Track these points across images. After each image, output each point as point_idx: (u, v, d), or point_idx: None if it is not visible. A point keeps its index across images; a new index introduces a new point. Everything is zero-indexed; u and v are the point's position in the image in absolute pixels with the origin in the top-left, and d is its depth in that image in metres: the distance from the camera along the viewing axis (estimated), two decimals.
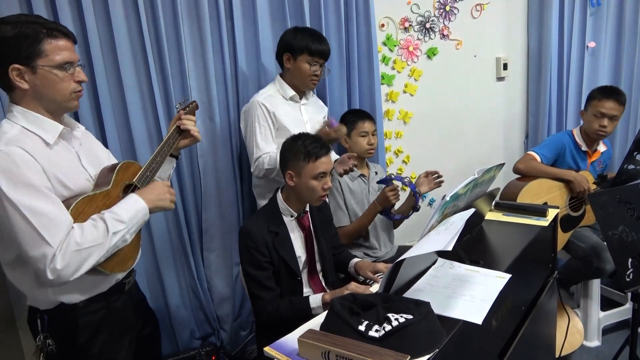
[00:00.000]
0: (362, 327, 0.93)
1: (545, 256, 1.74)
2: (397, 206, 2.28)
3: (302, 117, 2.17)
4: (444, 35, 2.90)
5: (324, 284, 1.89)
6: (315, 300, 1.66)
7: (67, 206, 1.18)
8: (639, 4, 3.12)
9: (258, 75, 2.30)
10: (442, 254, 1.34)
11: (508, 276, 1.21)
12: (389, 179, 2.14)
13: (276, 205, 1.79)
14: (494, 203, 1.81)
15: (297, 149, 1.71)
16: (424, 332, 0.92)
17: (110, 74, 1.98)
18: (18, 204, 1.10)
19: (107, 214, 1.21)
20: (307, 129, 2.13)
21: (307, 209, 1.86)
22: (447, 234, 1.04)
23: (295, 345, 0.96)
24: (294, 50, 2.04)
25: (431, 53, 2.88)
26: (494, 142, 3.28)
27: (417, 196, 2.11)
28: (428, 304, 0.98)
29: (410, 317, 0.92)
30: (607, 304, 2.68)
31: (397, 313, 0.94)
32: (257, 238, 1.69)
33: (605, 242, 1.76)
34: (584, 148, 2.52)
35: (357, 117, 2.28)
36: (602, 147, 2.60)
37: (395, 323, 0.91)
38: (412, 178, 2.96)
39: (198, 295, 2.33)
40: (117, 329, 1.36)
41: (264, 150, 2.02)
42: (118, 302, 1.37)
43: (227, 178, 2.30)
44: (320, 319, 1.04)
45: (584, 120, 2.53)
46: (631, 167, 2.36)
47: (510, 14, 3.14)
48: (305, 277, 1.84)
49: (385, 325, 0.92)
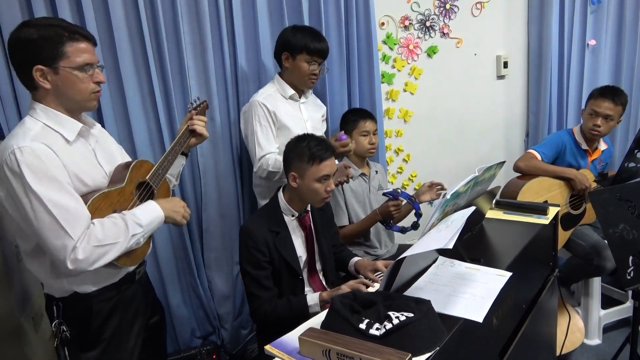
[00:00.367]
0: (363, 326, 0.93)
1: (546, 254, 1.74)
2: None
3: (302, 115, 2.16)
4: (444, 33, 2.90)
5: (324, 282, 1.89)
6: (312, 298, 1.66)
7: (84, 202, 1.25)
8: (639, 2, 3.12)
9: (258, 74, 2.30)
10: (443, 252, 1.34)
11: (509, 274, 1.21)
12: (396, 194, 2.08)
13: (277, 204, 1.79)
14: (494, 201, 1.81)
15: (301, 151, 1.70)
16: (424, 331, 0.92)
17: (110, 73, 1.98)
18: (42, 196, 1.16)
19: (128, 216, 1.28)
20: (308, 127, 2.13)
21: (309, 208, 1.86)
22: (448, 232, 1.04)
23: (296, 343, 0.97)
24: (293, 49, 2.03)
25: (431, 51, 2.87)
26: (495, 140, 3.28)
27: (418, 217, 2.09)
28: (429, 302, 0.98)
29: (411, 315, 0.92)
30: (608, 302, 2.68)
31: (397, 311, 0.94)
32: (257, 237, 1.69)
33: (606, 240, 1.75)
34: (584, 146, 2.52)
35: (358, 116, 2.28)
36: (602, 145, 2.59)
37: (396, 321, 0.91)
38: (413, 177, 2.97)
39: (199, 294, 2.33)
40: (128, 315, 1.43)
41: (267, 149, 2.02)
42: (129, 290, 1.44)
43: (228, 177, 2.29)
44: (320, 317, 1.05)
45: (582, 119, 2.53)
46: (632, 165, 2.36)
47: (511, 12, 3.14)
48: (305, 276, 1.84)
49: (386, 323, 0.92)
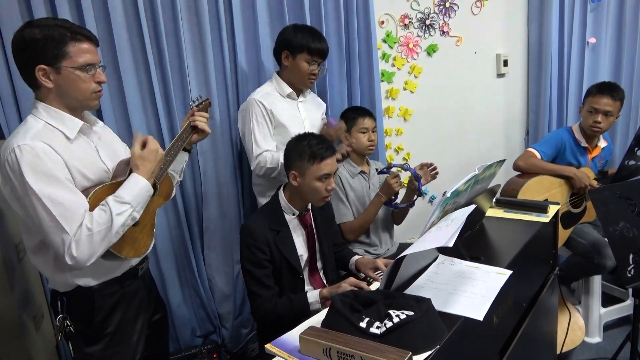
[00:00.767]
0: (363, 324, 0.93)
1: (546, 252, 1.74)
2: (400, 196, 2.28)
3: (300, 114, 2.16)
4: (444, 32, 2.90)
5: (325, 281, 1.89)
6: (313, 295, 1.67)
7: (86, 195, 1.27)
8: (639, 0, 3.11)
9: (258, 72, 2.30)
10: (443, 251, 1.34)
11: (509, 272, 1.22)
12: (389, 167, 2.16)
13: (278, 203, 1.79)
14: (494, 199, 1.81)
15: (301, 150, 1.70)
16: (425, 329, 0.92)
17: (110, 73, 1.98)
18: (40, 194, 1.19)
19: (110, 198, 1.28)
20: (305, 126, 2.13)
21: (309, 207, 1.86)
22: (448, 231, 1.04)
23: (296, 342, 0.97)
24: (293, 48, 2.03)
25: (431, 50, 2.87)
26: (495, 138, 3.28)
27: (419, 180, 2.09)
28: (429, 300, 0.98)
29: (411, 313, 0.92)
30: (608, 300, 2.67)
31: (398, 310, 0.94)
32: (258, 236, 1.69)
33: (606, 238, 1.76)
34: (584, 144, 2.52)
35: (357, 113, 2.28)
36: (602, 142, 2.59)
37: (396, 320, 0.91)
38: None
39: (199, 294, 2.33)
40: (131, 311, 1.45)
41: (264, 147, 2.02)
42: (132, 286, 1.46)
43: (228, 176, 2.29)
44: (321, 316, 1.05)
45: (581, 116, 2.53)
46: (632, 162, 2.36)
47: (510, 10, 3.14)
48: (306, 274, 1.84)
49: (386, 321, 0.92)
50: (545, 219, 1.63)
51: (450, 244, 0.98)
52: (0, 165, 1.22)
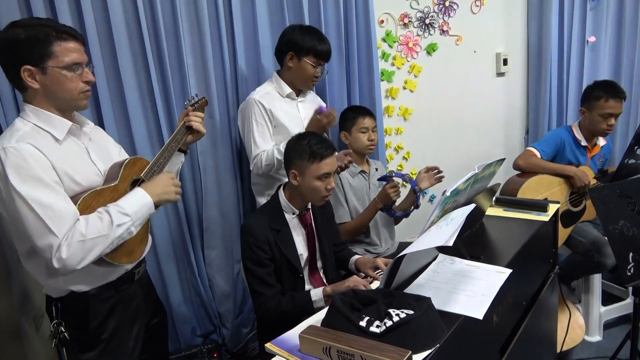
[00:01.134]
0: (363, 323, 0.93)
1: (546, 251, 1.74)
2: (397, 202, 2.28)
3: (300, 114, 2.16)
4: (443, 31, 2.90)
5: (325, 280, 1.89)
6: (316, 293, 1.67)
7: (75, 201, 1.23)
8: None
9: (257, 72, 2.30)
10: (443, 250, 1.34)
11: (509, 271, 1.22)
12: (390, 176, 2.14)
13: (278, 202, 1.79)
14: (494, 198, 1.81)
15: (302, 149, 1.70)
16: (425, 328, 0.92)
17: (109, 72, 1.98)
18: (26, 196, 1.16)
19: (112, 207, 1.26)
20: (305, 125, 2.13)
21: (309, 206, 1.86)
22: (448, 230, 1.04)
23: (296, 341, 0.97)
24: (300, 50, 2.03)
25: (431, 49, 2.87)
26: (495, 137, 3.28)
27: (417, 193, 2.11)
28: (429, 299, 0.98)
29: (411, 312, 0.92)
30: (608, 298, 2.68)
31: (398, 308, 0.94)
32: (258, 235, 1.69)
33: (606, 237, 1.75)
34: (584, 143, 2.52)
35: (357, 113, 2.28)
36: (601, 141, 2.59)
37: (396, 318, 0.91)
38: (412, 174, 2.96)
39: (199, 293, 2.34)
40: (128, 316, 1.42)
41: (262, 148, 2.02)
42: (128, 290, 1.42)
43: (227, 175, 2.30)
44: (321, 315, 1.05)
45: (587, 120, 2.49)
46: (632, 161, 2.36)
47: (510, 9, 3.14)
48: (306, 274, 1.84)
49: (386, 320, 0.92)
50: (545, 217, 1.63)
51: (450, 243, 0.98)
52: None
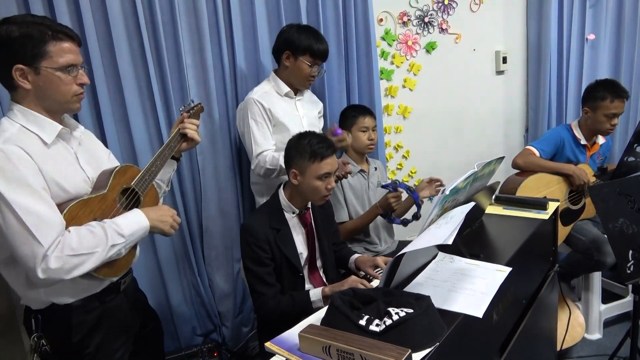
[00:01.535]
0: (362, 322, 0.93)
1: (546, 249, 1.74)
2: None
3: (298, 112, 2.16)
4: (442, 29, 2.89)
5: (324, 280, 1.89)
6: (315, 293, 1.67)
7: (60, 210, 1.17)
8: None
9: (256, 72, 2.29)
10: (443, 248, 1.34)
11: (508, 270, 1.22)
12: (394, 187, 2.11)
13: (278, 201, 1.79)
14: (494, 197, 1.81)
15: (302, 148, 1.70)
16: (424, 326, 0.92)
17: (108, 73, 1.98)
18: (11, 201, 1.09)
19: (109, 224, 1.21)
20: (304, 124, 2.13)
21: (309, 205, 1.86)
22: (447, 228, 1.04)
23: (296, 340, 0.97)
24: (297, 49, 2.02)
25: (430, 47, 2.87)
26: (494, 136, 3.28)
27: (419, 207, 2.10)
28: (428, 298, 0.98)
29: (411, 311, 0.92)
30: (608, 296, 2.68)
31: (397, 307, 0.94)
32: (258, 234, 1.69)
33: (606, 235, 1.76)
34: (583, 142, 2.51)
35: (357, 112, 2.28)
36: (600, 139, 2.59)
37: (395, 317, 0.91)
38: (412, 174, 2.97)
39: (199, 292, 2.34)
40: (113, 328, 1.35)
41: (264, 147, 2.02)
42: (114, 301, 1.36)
43: (227, 175, 2.29)
44: (320, 314, 1.05)
45: (590, 120, 2.47)
46: (631, 159, 2.36)
47: (509, 7, 3.13)
48: (305, 273, 1.84)
49: (385, 319, 0.92)
50: (544, 215, 1.63)
51: (450, 242, 0.98)
52: None
